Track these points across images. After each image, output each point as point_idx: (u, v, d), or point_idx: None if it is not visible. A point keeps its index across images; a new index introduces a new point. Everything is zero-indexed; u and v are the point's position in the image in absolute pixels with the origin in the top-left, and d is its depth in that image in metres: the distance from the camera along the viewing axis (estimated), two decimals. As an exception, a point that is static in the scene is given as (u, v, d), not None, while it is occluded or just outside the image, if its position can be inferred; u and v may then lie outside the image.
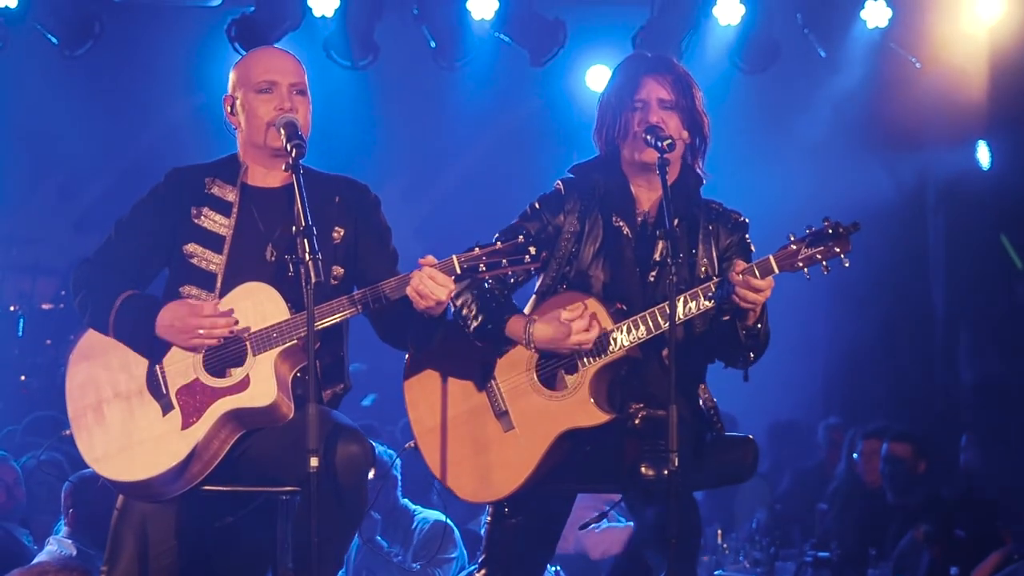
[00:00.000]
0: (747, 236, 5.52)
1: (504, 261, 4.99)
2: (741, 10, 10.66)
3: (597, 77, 11.25)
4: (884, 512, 9.48)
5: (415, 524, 8.28)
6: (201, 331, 5.04)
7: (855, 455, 10.20)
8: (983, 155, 12.10)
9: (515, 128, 12.08)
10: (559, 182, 5.55)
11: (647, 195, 5.49)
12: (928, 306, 12.54)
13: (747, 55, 10.91)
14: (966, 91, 11.30)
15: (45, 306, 11.69)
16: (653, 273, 5.37)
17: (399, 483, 8.30)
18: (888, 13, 10.75)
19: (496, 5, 10.51)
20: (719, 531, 9.25)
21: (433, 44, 10.73)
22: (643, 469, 5.09)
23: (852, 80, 11.29)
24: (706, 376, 5.50)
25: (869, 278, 11.98)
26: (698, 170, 5.53)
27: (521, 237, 5.00)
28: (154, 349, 5.13)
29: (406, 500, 8.40)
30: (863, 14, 10.77)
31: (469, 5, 10.50)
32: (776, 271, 5.14)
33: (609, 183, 5.47)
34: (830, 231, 5.11)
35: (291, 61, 5.39)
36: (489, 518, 5.49)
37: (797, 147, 12.01)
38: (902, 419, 10.89)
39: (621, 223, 5.44)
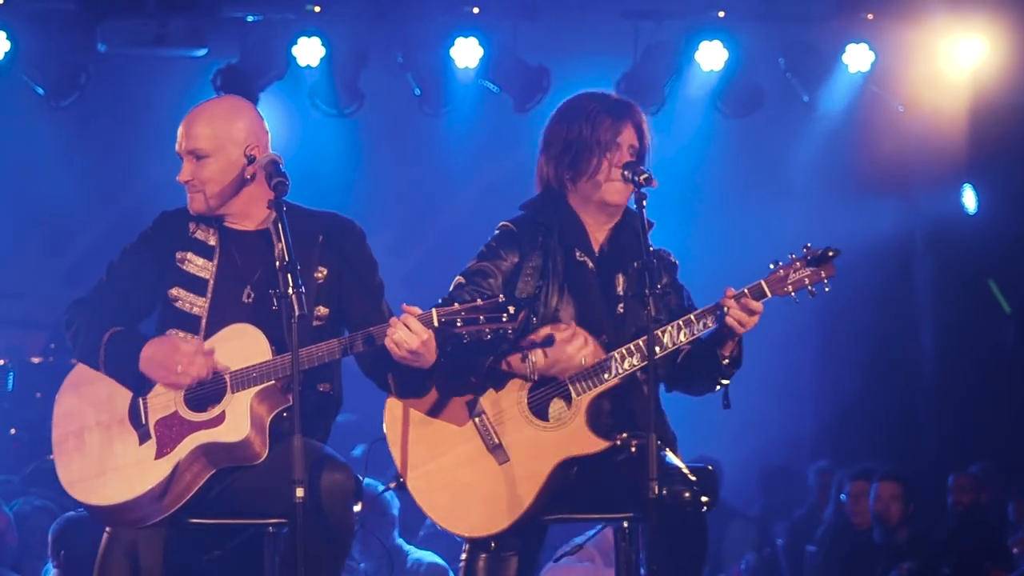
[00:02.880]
0: (677, 276, 5.59)
1: (482, 318, 4.98)
2: (724, 55, 10.74)
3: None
4: (871, 552, 9.49)
5: (409, 564, 8.24)
6: (179, 368, 5.07)
7: (843, 496, 10.21)
8: (969, 199, 12.15)
9: (501, 174, 12.10)
10: (507, 224, 5.53)
11: (596, 230, 5.51)
12: (916, 350, 12.56)
13: (730, 100, 10.99)
14: (949, 134, 11.37)
15: (35, 360, 11.67)
16: (621, 306, 5.40)
17: (397, 522, 8.25)
18: (870, 57, 10.84)
19: (480, 52, 10.59)
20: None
21: (418, 92, 10.81)
22: (659, 491, 5.04)
23: (835, 124, 11.37)
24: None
25: (857, 322, 12.02)
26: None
27: (502, 296, 5.01)
28: (140, 383, 5.17)
29: (400, 540, 8.36)
30: (845, 58, 10.85)
31: (453, 53, 10.58)
32: (769, 295, 5.25)
33: (563, 219, 5.47)
34: (814, 256, 5.23)
35: (187, 123, 5.38)
36: (467, 547, 5.43)
37: (781, 191, 12.06)
38: (891, 461, 10.88)
39: (585, 258, 5.44)
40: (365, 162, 12.00)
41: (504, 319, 4.98)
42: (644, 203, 5.24)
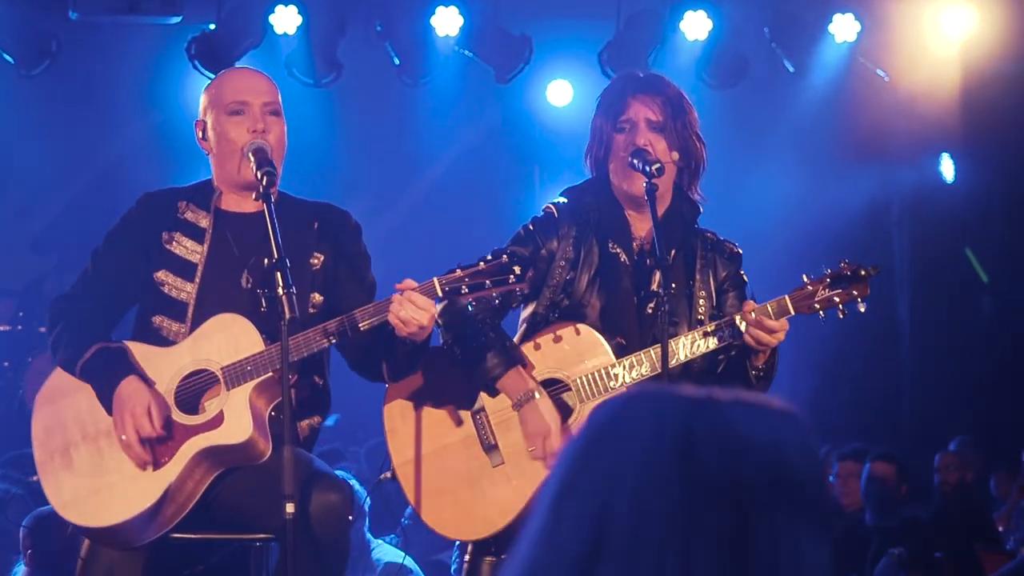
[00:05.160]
0: (741, 269, 5.33)
1: (488, 282, 4.68)
2: (708, 25, 10.56)
3: (557, 92, 11.18)
4: (862, 535, 9.35)
5: (376, 558, 8.03)
6: (123, 438, 4.79)
7: (831, 478, 10.08)
8: (947, 169, 12.06)
9: (480, 144, 11.96)
10: (551, 206, 5.25)
11: (640, 222, 5.21)
12: (894, 320, 12.48)
13: (715, 70, 10.81)
14: (934, 105, 11.25)
15: (2, 327, 11.46)
16: (651, 304, 5.09)
17: (366, 515, 8.06)
18: (856, 27, 10.67)
19: (460, 21, 10.37)
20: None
21: (397, 61, 10.59)
22: None
23: (820, 94, 11.23)
24: None
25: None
26: (695, 196, 5.31)
27: (505, 257, 4.72)
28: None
29: (369, 534, 8.16)
30: (831, 28, 10.68)
31: (433, 21, 10.35)
32: (792, 312, 4.91)
33: (602, 208, 5.19)
34: (849, 273, 4.94)
35: (263, 80, 5.17)
36: (468, 557, 5.21)
37: (765, 162, 11.91)
38: (870, 436, 10.80)
39: (618, 250, 5.16)
40: (343, 133, 11.79)
41: (511, 280, 4.69)
42: (656, 195, 5.00)
